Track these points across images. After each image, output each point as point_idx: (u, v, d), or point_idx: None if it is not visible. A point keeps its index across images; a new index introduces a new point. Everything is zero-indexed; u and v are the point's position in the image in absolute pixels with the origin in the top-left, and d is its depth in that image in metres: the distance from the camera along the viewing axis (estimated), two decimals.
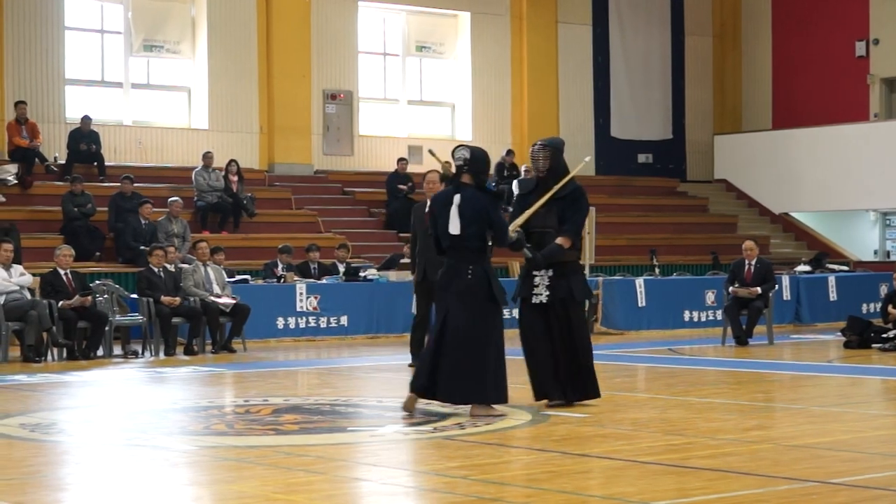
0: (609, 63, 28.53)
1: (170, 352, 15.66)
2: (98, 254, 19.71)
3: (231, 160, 22.21)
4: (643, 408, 10.20)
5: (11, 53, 22.08)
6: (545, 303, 9.85)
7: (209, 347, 16.07)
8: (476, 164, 9.49)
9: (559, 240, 9.81)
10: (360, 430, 9.20)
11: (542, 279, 9.88)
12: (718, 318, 18.52)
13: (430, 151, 10.93)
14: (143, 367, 14.35)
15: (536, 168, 10.01)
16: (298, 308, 17.87)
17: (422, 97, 26.76)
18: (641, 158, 28.98)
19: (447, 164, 10.00)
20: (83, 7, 23.28)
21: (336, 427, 9.21)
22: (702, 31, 29.93)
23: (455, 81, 26.96)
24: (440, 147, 11.44)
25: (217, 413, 10.15)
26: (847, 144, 27.24)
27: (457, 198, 9.40)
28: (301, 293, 17.89)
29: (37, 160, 21.38)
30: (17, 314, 14.81)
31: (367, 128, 25.88)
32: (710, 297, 19.89)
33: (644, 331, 19.27)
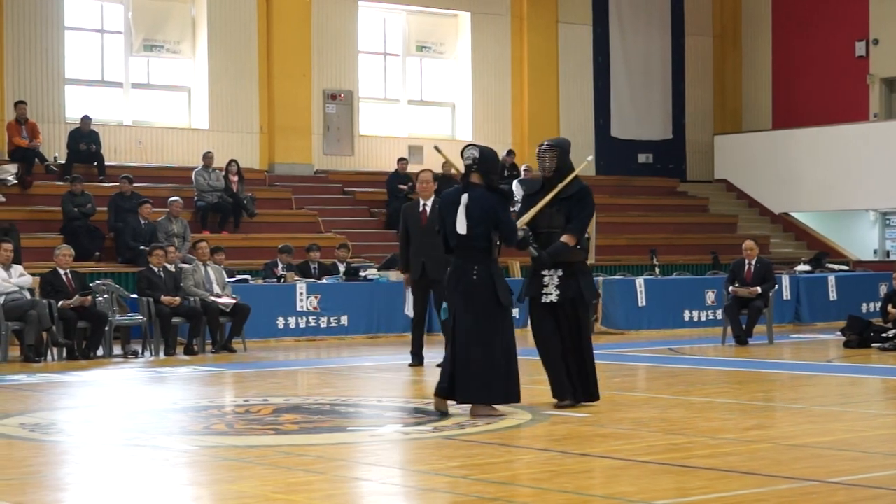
0: (609, 63, 28.53)
1: (170, 352, 15.66)
2: (98, 254, 19.71)
3: (231, 160, 22.21)
4: (643, 407, 10.19)
5: (11, 53, 22.08)
6: (555, 302, 9.84)
7: (209, 347, 16.07)
8: (485, 164, 9.41)
9: (564, 237, 9.80)
10: (360, 430, 9.19)
11: (552, 279, 9.85)
12: (718, 318, 18.52)
13: (437, 148, 10.94)
14: (143, 367, 14.34)
15: (543, 168, 9.98)
16: (298, 308, 17.87)
17: (422, 97, 26.76)
18: (642, 158, 28.98)
19: (448, 164, 9.99)
20: (83, 7, 23.27)
21: (336, 427, 9.20)
22: (702, 32, 29.93)
23: (455, 81, 26.95)
24: (441, 148, 11.42)
25: (217, 413, 10.14)
26: (847, 144, 27.23)
27: (464, 197, 9.34)
28: (301, 293, 17.89)
29: (37, 160, 21.38)
30: (17, 314, 14.81)
31: (368, 128, 25.88)
32: (711, 297, 19.89)
33: (644, 330, 19.26)
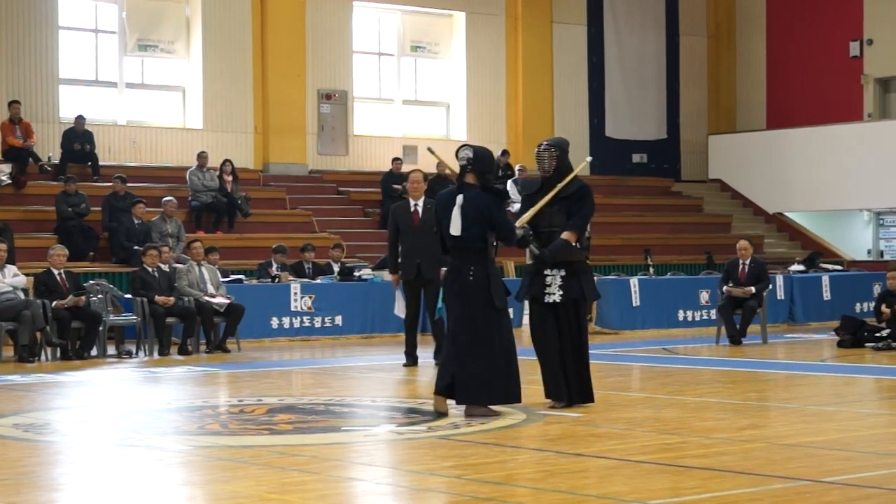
0: (604, 63, 28.56)
1: (164, 352, 15.66)
2: (92, 254, 19.70)
3: (225, 160, 22.21)
4: (637, 407, 10.19)
5: (5, 53, 22.06)
6: (557, 302, 9.84)
7: (203, 347, 16.06)
8: (480, 164, 9.39)
9: (564, 235, 9.77)
10: (355, 430, 9.19)
11: (554, 279, 9.82)
12: (713, 318, 18.54)
13: (430, 149, 10.92)
14: (138, 367, 14.33)
15: (542, 168, 9.96)
16: (293, 308, 17.86)
17: (416, 97, 26.77)
18: (636, 158, 29.01)
19: (441, 165, 9.99)
20: (77, 6, 23.26)
21: (330, 427, 9.20)
22: (696, 32, 29.95)
23: (450, 81, 26.96)
24: (435, 148, 11.41)
25: (211, 413, 10.14)
26: (841, 144, 27.27)
27: (459, 198, 9.31)
28: (295, 293, 17.88)
29: (30, 160, 21.37)
30: (11, 314, 14.79)
31: (362, 127, 25.88)
32: (705, 297, 19.91)
33: (638, 330, 19.26)
